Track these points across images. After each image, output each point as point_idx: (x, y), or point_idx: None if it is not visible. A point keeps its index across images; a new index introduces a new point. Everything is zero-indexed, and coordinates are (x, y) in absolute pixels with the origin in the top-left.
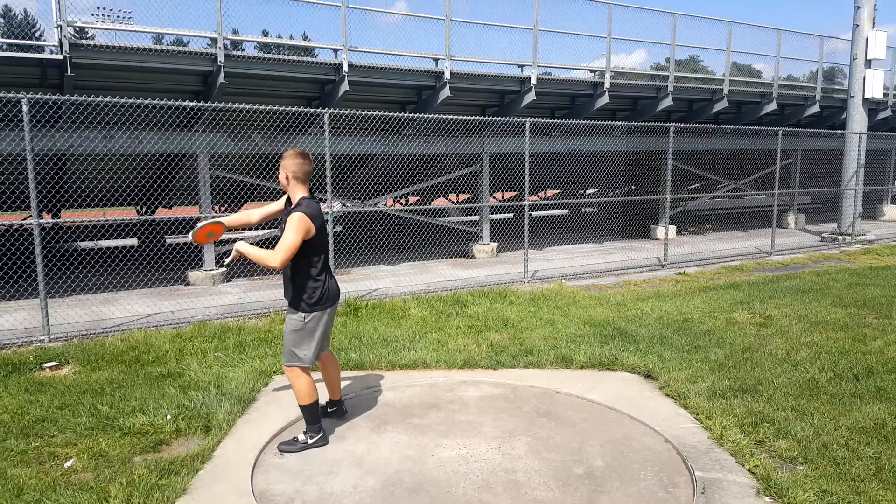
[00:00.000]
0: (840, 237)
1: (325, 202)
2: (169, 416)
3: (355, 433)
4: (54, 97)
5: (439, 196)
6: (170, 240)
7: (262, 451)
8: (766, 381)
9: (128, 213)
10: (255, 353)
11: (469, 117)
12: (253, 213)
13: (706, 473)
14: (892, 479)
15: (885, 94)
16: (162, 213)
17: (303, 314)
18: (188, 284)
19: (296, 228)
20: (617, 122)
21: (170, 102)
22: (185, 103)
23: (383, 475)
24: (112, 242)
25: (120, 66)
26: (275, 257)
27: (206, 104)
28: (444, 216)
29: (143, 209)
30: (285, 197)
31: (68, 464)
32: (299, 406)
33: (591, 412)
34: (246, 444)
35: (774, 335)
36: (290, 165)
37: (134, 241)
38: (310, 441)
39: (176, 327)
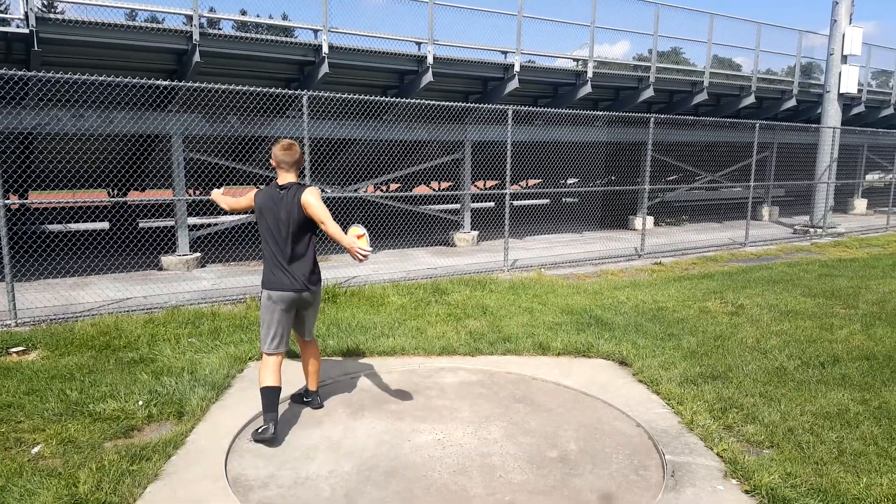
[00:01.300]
0: (812, 230)
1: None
2: (141, 402)
3: (332, 419)
4: (20, 73)
5: (421, 184)
6: (143, 223)
7: (236, 436)
8: (736, 368)
9: (99, 196)
10: (230, 339)
11: (451, 103)
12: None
13: (676, 457)
14: (853, 463)
15: (860, 90)
16: (134, 196)
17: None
18: (161, 269)
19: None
20: (599, 112)
21: (143, 81)
22: (159, 82)
23: (359, 460)
24: (82, 226)
25: (90, 41)
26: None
27: (181, 83)
28: (425, 204)
29: (115, 192)
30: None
31: (36, 449)
32: None
33: (566, 398)
34: (220, 430)
35: (745, 324)
36: (273, 152)
37: (105, 225)
38: (259, 430)
39: (148, 312)
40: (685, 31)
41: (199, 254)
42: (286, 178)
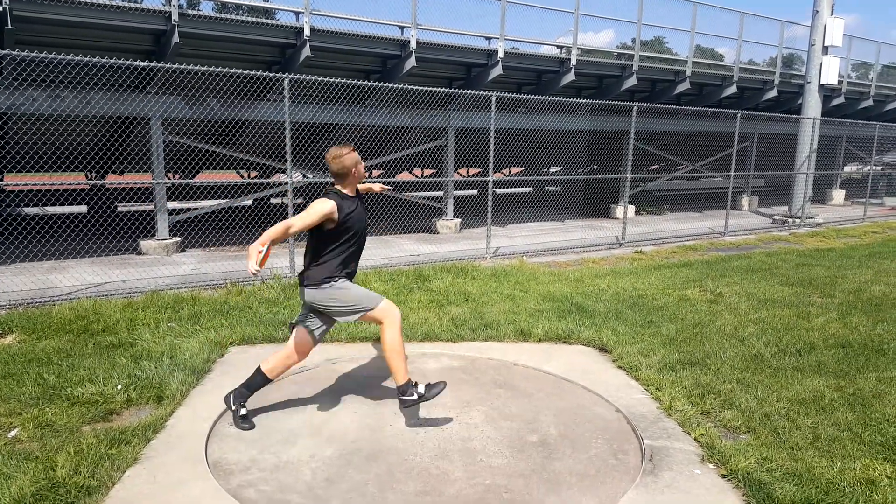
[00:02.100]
0: (790, 220)
1: (284, 172)
2: (120, 386)
3: (314, 403)
4: None
5: (404, 170)
6: (121, 207)
7: (216, 420)
8: (714, 354)
9: (77, 179)
10: (210, 323)
11: (435, 89)
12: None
13: (654, 441)
14: (827, 448)
15: (840, 82)
16: (112, 179)
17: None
18: (140, 254)
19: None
20: (582, 100)
21: (121, 62)
22: (138, 63)
23: (341, 444)
24: (59, 209)
25: (67, 20)
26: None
27: (160, 65)
28: (408, 191)
29: (93, 175)
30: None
31: (12, 433)
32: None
33: (547, 383)
34: (200, 414)
35: (724, 312)
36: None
37: (83, 209)
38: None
39: (127, 297)
40: (669, 20)
41: (178, 238)
42: (340, 185)
